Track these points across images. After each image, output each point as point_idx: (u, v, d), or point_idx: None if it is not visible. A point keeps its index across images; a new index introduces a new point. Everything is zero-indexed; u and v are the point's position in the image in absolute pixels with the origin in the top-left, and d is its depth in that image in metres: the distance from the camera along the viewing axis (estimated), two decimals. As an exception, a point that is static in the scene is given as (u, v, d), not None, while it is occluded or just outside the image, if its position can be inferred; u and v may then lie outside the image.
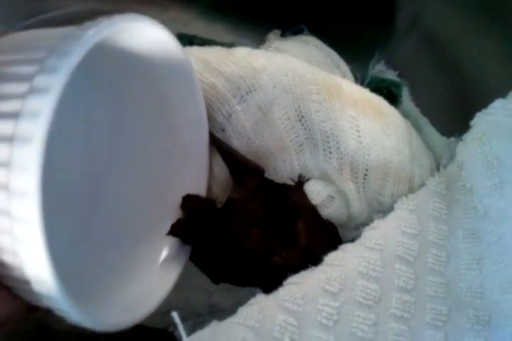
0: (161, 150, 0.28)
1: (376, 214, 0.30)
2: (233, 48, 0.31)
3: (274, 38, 0.35)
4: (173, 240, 0.27)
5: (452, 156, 0.32)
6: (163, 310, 0.27)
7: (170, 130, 0.28)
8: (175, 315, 0.22)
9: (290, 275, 0.26)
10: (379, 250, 0.27)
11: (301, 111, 0.29)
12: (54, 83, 0.17)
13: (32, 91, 0.17)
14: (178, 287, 0.28)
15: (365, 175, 0.29)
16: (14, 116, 0.17)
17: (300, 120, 0.29)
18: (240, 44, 0.35)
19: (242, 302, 0.28)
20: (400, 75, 0.38)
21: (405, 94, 0.37)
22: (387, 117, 0.30)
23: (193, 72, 0.26)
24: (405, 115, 0.35)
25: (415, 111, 0.36)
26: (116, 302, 0.23)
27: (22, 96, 0.17)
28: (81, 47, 0.18)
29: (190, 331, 0.32)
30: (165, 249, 0.27)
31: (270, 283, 0.27)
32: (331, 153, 0.29)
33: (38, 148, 0.17)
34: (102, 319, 0.21)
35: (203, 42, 0.35)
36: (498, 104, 0.27)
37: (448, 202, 0.29)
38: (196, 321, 0.32)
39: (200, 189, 0.29)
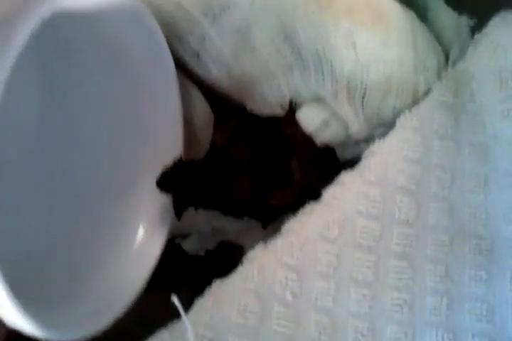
0: (131, 111, 0.25)
1: (377, 129, 0.28)
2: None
3: None
4: (149, 217, 0.26)
5: (463, 47, 0.28)
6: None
7: (137, 88, 0.25)
8: (174, 298, 0.22)
9: (288, 213, 0.26)
10: (379, 183, 0.25)
11: (286, 30, 0.24)
12: None
13: None
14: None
15: (364, 94, 0.26)
16: None
17: (285, 41, 0.25)
18: None
19: (245, 229, 0.28)
20: None
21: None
22: (388, 20, 0.26)
23: (148, 19, 0.22)
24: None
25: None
26: (87, 303, 0.23)
27: None
28: (27, 29, 0.16)
29: (197, 244, 0.33)
30: (140, 228, 0.26)
31: (269, 219, 0.27)
32: (323, 76, 0.25)
33: None
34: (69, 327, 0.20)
35: None
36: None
37: (455, 113, 0.27)
38: (200, 237, 0.32)
39: (176, 147, 0.26)
